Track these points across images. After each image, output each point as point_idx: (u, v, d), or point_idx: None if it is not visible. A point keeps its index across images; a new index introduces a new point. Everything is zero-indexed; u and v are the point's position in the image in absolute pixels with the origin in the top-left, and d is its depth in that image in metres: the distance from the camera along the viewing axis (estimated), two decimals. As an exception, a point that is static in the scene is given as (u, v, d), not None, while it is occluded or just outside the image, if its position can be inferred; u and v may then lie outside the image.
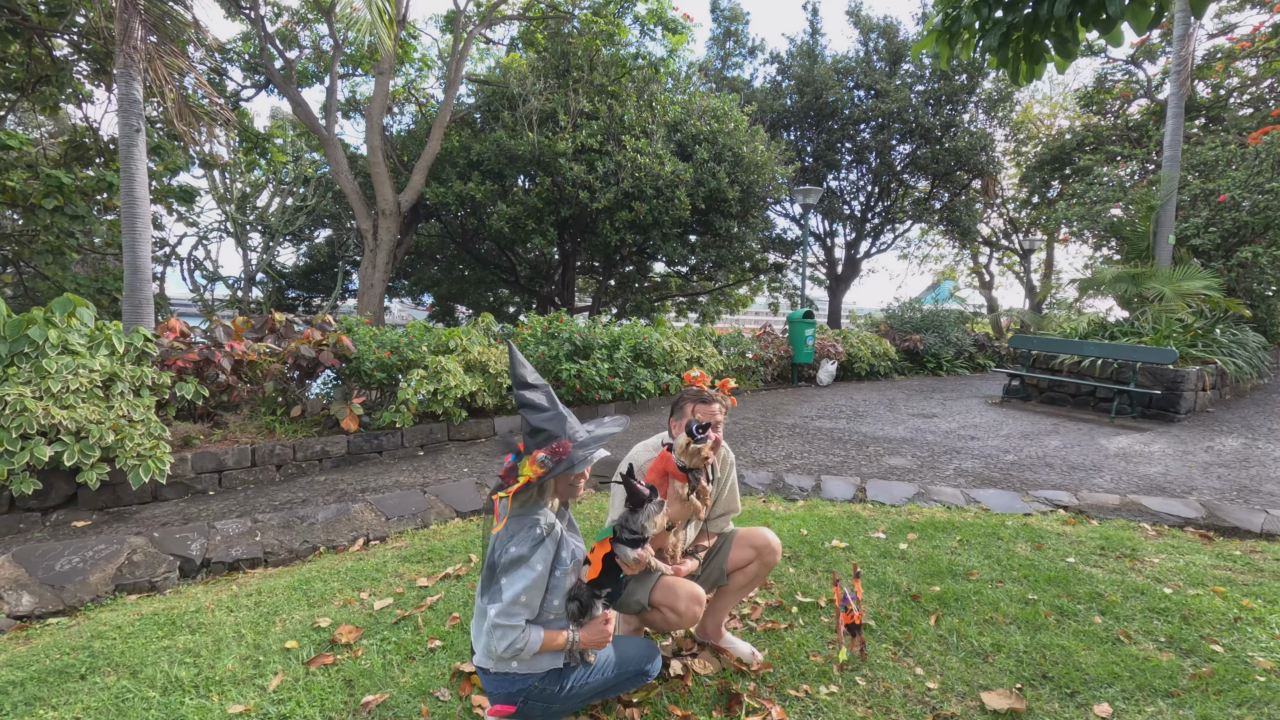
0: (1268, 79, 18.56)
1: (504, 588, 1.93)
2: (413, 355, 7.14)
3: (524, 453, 2.04)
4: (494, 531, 2.00)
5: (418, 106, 15.56)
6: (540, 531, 1.97)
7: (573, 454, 2.00)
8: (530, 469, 1.97)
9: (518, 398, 2.08)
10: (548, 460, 1.96)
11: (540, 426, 2.02)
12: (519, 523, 2.00)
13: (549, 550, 1.99)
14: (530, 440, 2.03)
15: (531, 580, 1.93)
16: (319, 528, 4.18)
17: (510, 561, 1.94)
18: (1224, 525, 4.42)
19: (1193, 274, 9.55)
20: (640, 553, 2.15)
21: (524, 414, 2.05)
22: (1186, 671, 2.62)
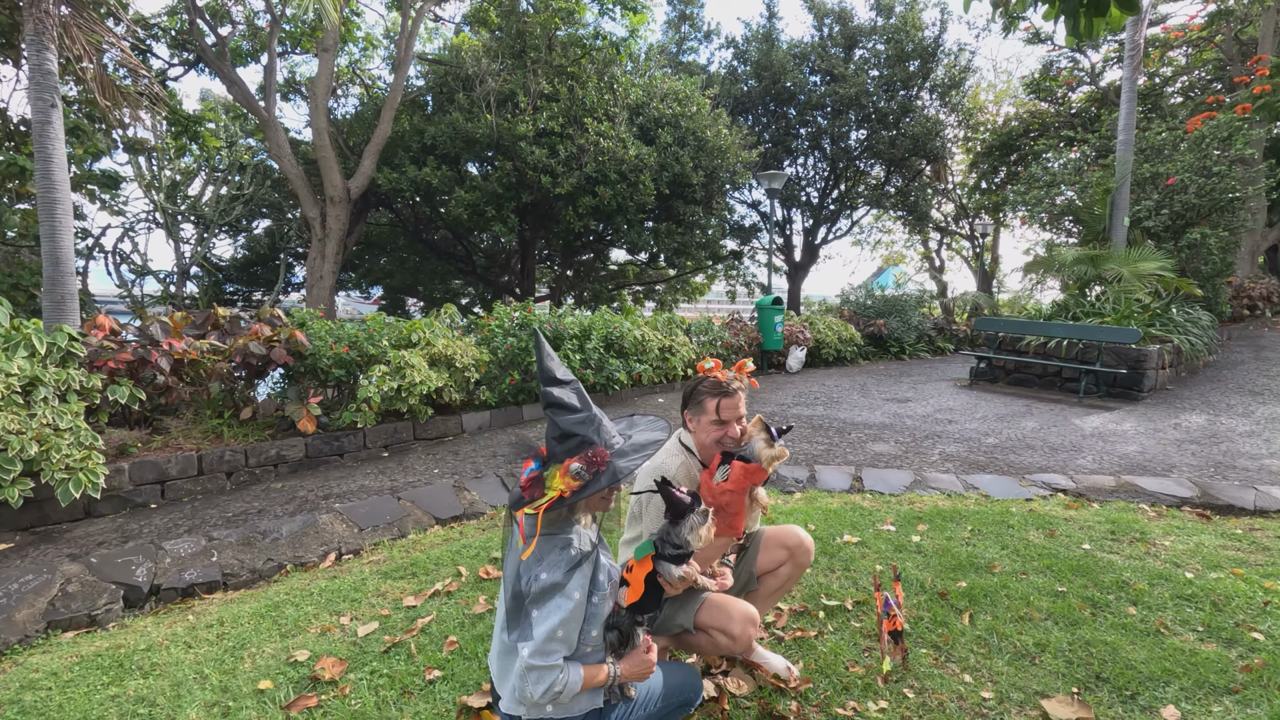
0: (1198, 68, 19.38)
1: (536, 621, 1.63)
2: (373, 350, 6.68)
3: (551, 460, 1.73)
4: (523, 557, 1.69)
5: (364, 88, 14.78)
6: (575, 553, 1.68)
7: (613, 464, 1.70)
8: (561, 481, 1.66)
9: (545, 396, 1.77)
10: (583, 472, 1.65)
11: (571, 430, 1.71)
12: (548, 543, 1.70)
13: (586, 575, 1.70)
14: (558, 446, 1.73)
15: (569, 611, 1.64)
16: (284, 543, 3.77)
17: (542, 590, 1.64)
18: (1218, 503, 4.42)
19: (1148, 255, 9.79)
20: (686, 569, 1.88)
21: (552, 415, 1.74)
22: (1236, 664, 2.51)
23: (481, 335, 7.85)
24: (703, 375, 2.28)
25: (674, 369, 9.37)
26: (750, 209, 22.80)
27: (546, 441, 1.78)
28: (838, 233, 23.54)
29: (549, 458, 1.74)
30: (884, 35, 19.14)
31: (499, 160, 11.72)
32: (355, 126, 13.11)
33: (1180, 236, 10.62)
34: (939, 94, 19.55)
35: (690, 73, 19.53)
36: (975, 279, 27.01)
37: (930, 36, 18.83)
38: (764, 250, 24.64)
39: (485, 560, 3.53)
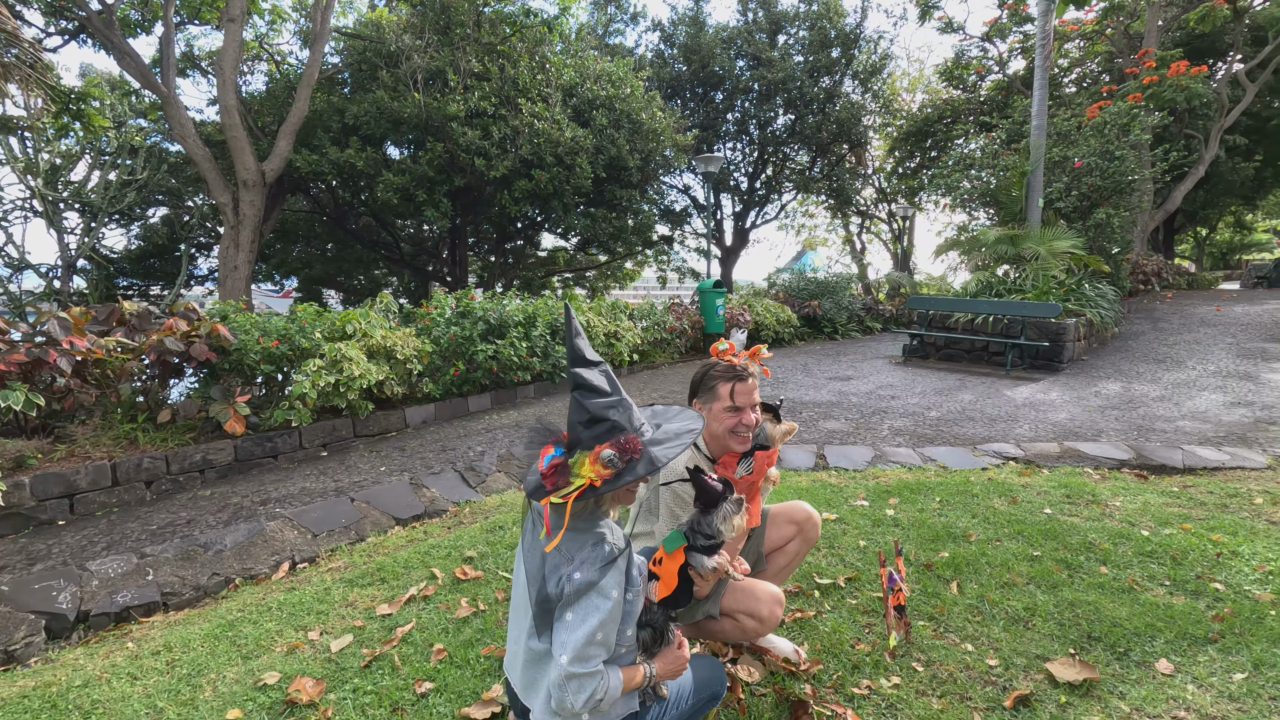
0: (1090, 60, 20.71)
1: (572, 625, 1.48)
2: (306, 343, 6.24)
3: (577, 446, 1.57)
4: (547, 549, 1.54)
5: (273, 65, 13.77)
6: (609, 549, 1.54)
7: (647, 452, 1.56)
8: (592, 469, 1.51)
9: (573, 377, 1.60)
10: (615, 459, 1.50)
11: (600, 415, 1.55)
12: (577, 539, 1.56)
13: (621, 571, 1.56)
14: (585, 431, 1.56)
15: (607, 612, 1.50)
16: (229, 555, 3.43)
17: (577, 591, 1.49)
18: (1152, 464, 4.72)
19: (1061, 235, 10.39)
20: (720, 560, 1.77)
21: (578, 398, 1.57)
22: (1208, 615, 2.64)
23: (422, 325, 7.48)
24: (714, 359, 2.16)
25: (620, 355, 9.25)
26: (681, 193, 22.86)
27: (570, 426, 1.62)
28: (766, 217, 23.95)
29: (574, 444, 1.59)
30: (807, 21, 19.49)
31: (429, 142, 11.16)
32: (267, 105, 12.18)
33: (1088, 216, 11.34)
34: (861, 81, 20.11)
35: (617, 55, 19.31)
36: (893, 261, 28.14)
37: (852, 23, 19.30)
38: (694, 235, 24.82)
39: (459, 560, 3.33)
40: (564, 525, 1.51)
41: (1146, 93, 14.14)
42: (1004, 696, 2.18)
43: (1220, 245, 39.77)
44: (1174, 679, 2.23)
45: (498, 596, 2.93)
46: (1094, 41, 19.71)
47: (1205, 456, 4.82)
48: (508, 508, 4.21)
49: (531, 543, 1.69)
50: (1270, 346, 9.34)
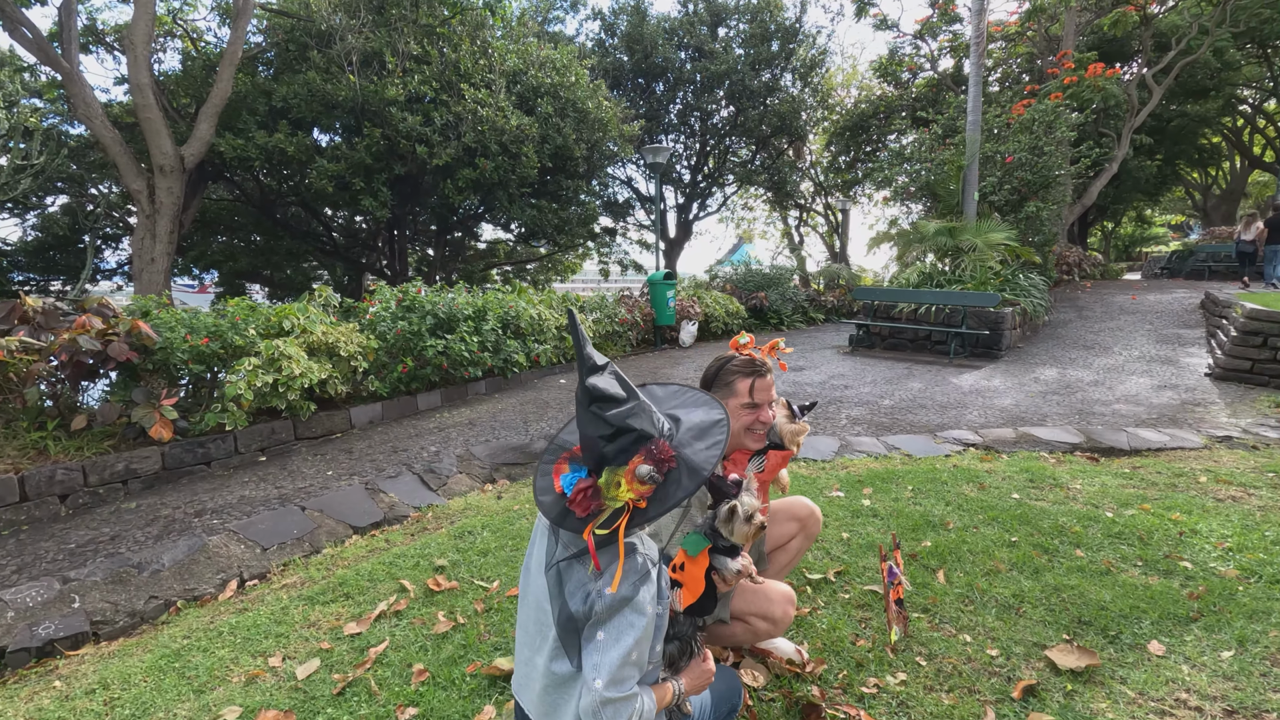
0: (1013, 59, 21.67)
1: (604, 645, 1.34)
2: (240, 341, 5.81)
3: (604, 463, 1.40)
4: (611, 589, 1.35)
5: (188, 42, 12.79)
6: (642, 561, 1.40)
7: (683, 459, 1.40)
8: (630, 489, 1.35)
9: (589, 391, 1.38)
10: (654, 474, 1.33)
11: (623, 425, 1.36)
12: (609, 553, 1.41)
13: (655, 585, 1.43)
14: (608, 446, 1.37)
15: (642, 629, 1.37)
16: (168, 574, 3.11)
17: (610, 608, 1.35)
18: (1102, 446, 4.91)
19: (996, 227, 10.80)
20: (745, 562, 1.67)
21: (597, 411, 1.37)
22: (1183, 593, 2.72)
23: (367, 320, 7.09)
24: (732, 353, 2.04)
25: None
26: (623, 185, 22.70)
27: (588, 442, 1.42)
28: (708, 210, 24.07)
29: (598, 461, 1.41)
30: (747, 14, 19.61)
31: (366, 127, 10.60)
32: (183, 85, 11.29)
33: (1019, 209, 11.84)
34: (800, 75, 20.40)
35: (557, 43, 18.96)
36: (829, 254, 28.81)
37: (791, 18, 19.54)
38: (637, 228, 24.74)
39: (429, 570, 3.11)
40: (620, 560, 1.35)
41: (1067, 92, 14.85)
42: (1010, 687, 2.16)
43: (1124, 238, 42.53)
44: (1168, 660, 2.27)
45: (477, 608, 2.75)
46: (1016, 43, 20.61)
47: (1148, 438, 5.05)
48: (474, 511, 4.00)
49: (545, 558, 1.53)
50: (1184, 332, 9.97)
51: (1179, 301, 12.50)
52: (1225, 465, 4.45)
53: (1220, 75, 20.74)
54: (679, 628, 1.56)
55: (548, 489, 1.47)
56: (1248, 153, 29.13)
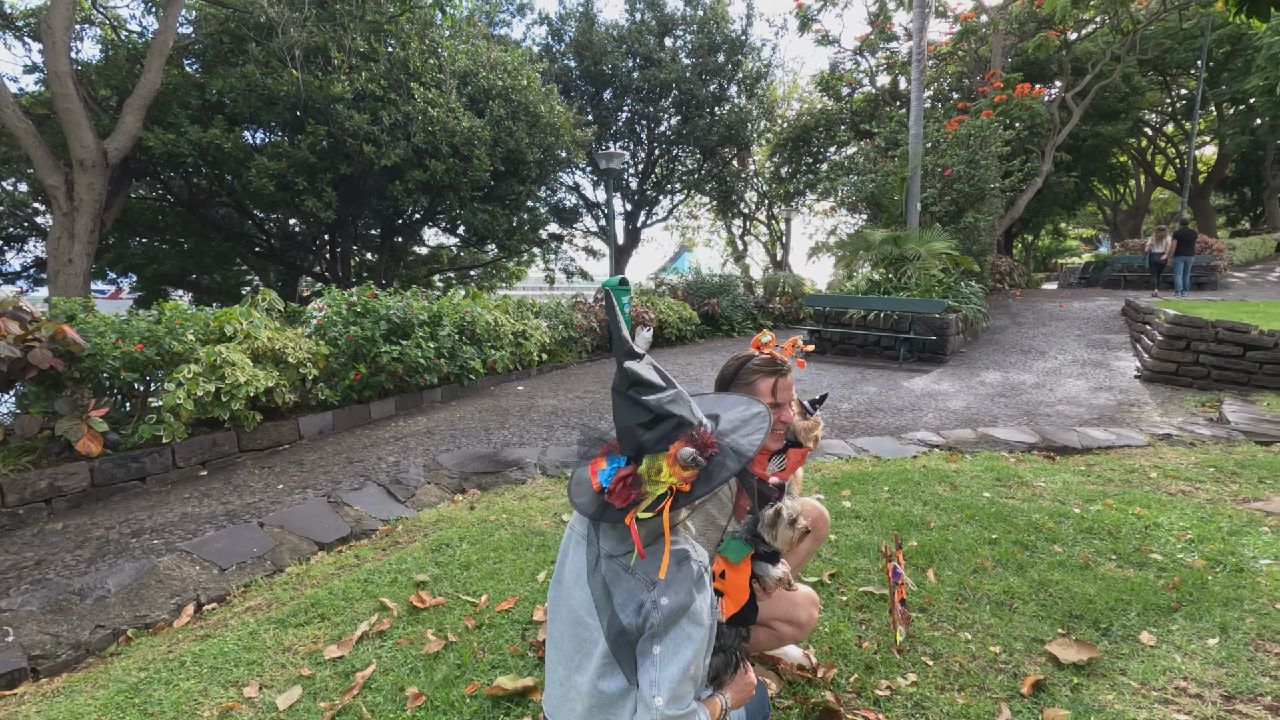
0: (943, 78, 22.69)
1: (662, 660, 1.26)
2: (178, 347, 5.41)
3: (642, 451, 1.34)
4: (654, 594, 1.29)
5: (108, 29, 11.97)
6: (697, 567, 1.33)
7: (725, 444, 1.36)
8: (672, 473, 1.29)
9: (627, 375, 1.35)
10: (697, 458, 1.28)
11: (664, 411, 1.32)
12: (655, 559, 1.33)
13: (708, 594, 1.35)
14: (648, 434, 1.32)
15: (700, 641, 1.30)
16: (115, 601, 2.83)
17: (668, 619, 1.27)
18: (1056, 445, 5.12)
19: (938, 236, 11.22)
20: (785, 569, 1.62)
21: (635, 395, 1.34)
22: (1160, 585, 2.82)
23: (316, 325, 6.75)
24: (752, 351, 1.99)
25: (529, 354, 8.88)
26: (571, 191, 22.56)
27: (625, 432, 1.36)
28: (655, 217, 24.20)
29: (637, 450, 1.35)
30: (694, 25, 19.86)
31: (310, 124, 10.13)
32: (106, 75, 10.53)
33: (958, 220, 12.34)
34: (745, 87, 20.77)
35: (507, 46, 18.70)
36: (771, 262, 29.42)
37: (737, 30, 19.89)
38: (584, 234, 24.61)
39: (409, 586, 2.94)
40: (667, 544, 1.28)
41: (998, 110, 15.65)
42: (1018, 683, 2.19)
43: (1042, 250, 45.10)
44: (1160, 650, 2.34)
45: (468, 625, 2.60)
46: (948, 62, 21.62)
47: (1097, 437, 5.30)
48: (447, 523, 3.82)
49: (584, 565, 1.44)
50: (1111, 337, 10.59)
51: (1102, 309, 13.28)
52: (1170, 461, 4.71)
53: (1129, 99, 22.30)
54: (724, 639, 1.50)
55: (583, 488, 1.39)
56: (1151, 171, 31.43)
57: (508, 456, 5.07)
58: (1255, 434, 5.32)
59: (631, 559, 1.32)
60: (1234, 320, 7.47)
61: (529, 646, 2.45)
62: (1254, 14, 3.73)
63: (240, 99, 9.89)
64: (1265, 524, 3.48)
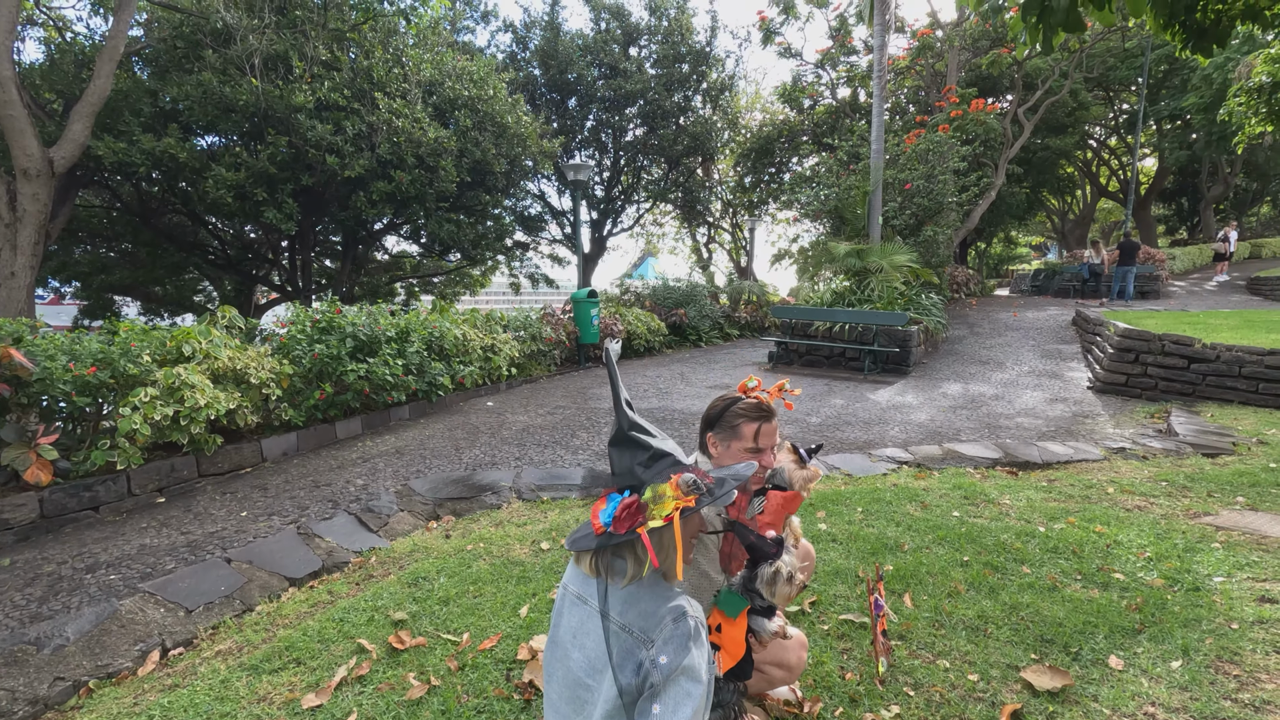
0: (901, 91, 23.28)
1: (661, 718, 1.27)
2: (133, 369, 5.22)
3: (647, 483, 1.40)
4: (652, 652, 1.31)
5: (52, 31, 11.49)
6: (694, 624, 1.35)
7: (727, 473, 1.45)
8: (675, 495, 1.35)
9: (628, 423, 1.48)
10: (699, 483, 1.37)
11: (661, 450, 1.45)
12: (653, 616, 1.35)
13: (706, 650, 1.37)
14: (648, 471, 1.43)
15: (699, 699, 1.31)
16: (73, 649, 2.71)
17: (667, 677, 1.29)
18: (1018, 461, 5.28)
19: (900, 249, 11.50)
20: (781, 623, 1.64)
21: (636, 437, 1.46)
22: (1123, 605, 2.94)
23: (279, 343, 6.57)
24: (739, 394, 2.01)
25: (498, 369, 8.80)
26: (537, 199, 22.46)
27: (624, 474, 1.47)
28: (622, 225, 24.24)
29: (640, 484, 1.41)
30: (658, 35, 20.00)
31: (270, 134, 9.86)
32: (50, 80, 10.08)
33: (918, 233, 12.67)
34: (710, 98, 20.98)
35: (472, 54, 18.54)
36: (735, 270, 29.73)
37: (701, 42, 20.09)
38: (549, 242, 24.52)
39: (386, 625, 2.88)
40: (679, 549, 1.32)
41: (954, 125, 16.14)
42: (996, 712, 2.25)
43: (994, 257, 46.58)
44: (1128, 674, 2.43)
45: (450, 666, 2.56)
46: (905, 76, 22.20)
47: (1056, 452, 5.49)
48: (423, 553, 3.76)
49: (580, 626, 1.44)
50: (1063, 348, 10.98)
51: (1054, 318, 13.77)
52: (1125, 476, 4.90)
53: (1076, 114, 23.21)
54: (722, 694, 1.51)
55: (586, 536, 1.43)
56: (1096, 182, 32.75)
57: (481, 480, 5.00)
58: (1202, 446, 5.57)
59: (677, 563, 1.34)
60: (1179, 334, 7.82)
61: (514, 689, 2.42)
62: (1199, 50, 3.91)
63: (196, 107, 9.59)
64: (1216, 539, 3.65)
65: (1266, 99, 5.58)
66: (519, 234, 21.65)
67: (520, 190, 15.05)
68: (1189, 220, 34.27)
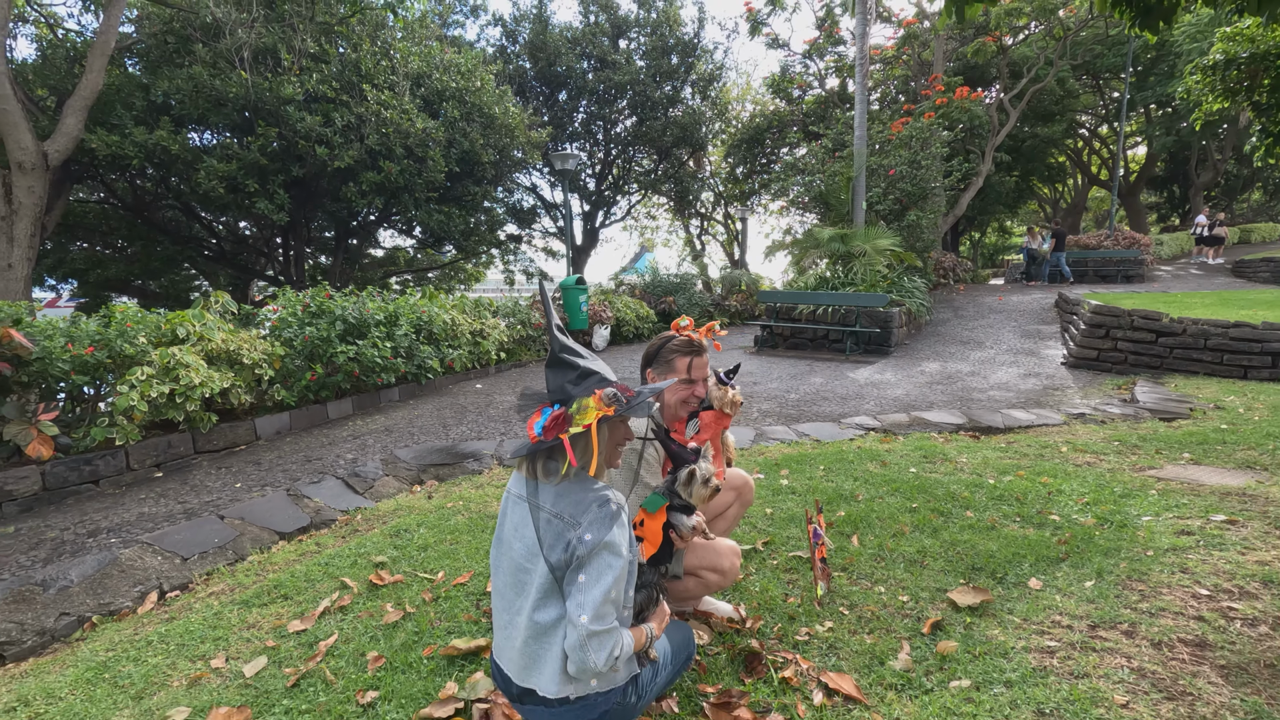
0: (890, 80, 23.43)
1: (586, 586, 1.50)
2: (130, 349, 5.42)
3: (572, 399, 1.60)
4: (579, 531, 1.53)
5: (43, 28, 11.65)
6: (615, 508, 1.56)
7: (647, 389, 1.66)
8: (597, 407, 1.55)
9: (560, 345, 1.66)
10: (619, 396, 1.57)
11: (588, 369, 1.64)
12: (581, 503, 1.57)
13: (626, 530, 1.58)
14: (575, 387, 1.61)
15: (619, 570, 1.53)
16: (78, 590, 2.92)
17: (590, 551, 1.50)
18: (981, 426, 5.50)
19: (883, 234, 11.70)
20: (699, 519, 1.85)
21: (565, 357, 1.65)
22: (1053, 540, 3.16)
23: (270, 326, 6.78)
24: (672, 333, 2.24)
25: (487, 353, 9.00)
26: (529, 192, 22.62)
27: (557, 390, 1.65)
28: (613, 217, 24.40)
29: (569, 398, 1.61)
30: (647, 27, 20.15)
31: (261, 126, 10.04)
32: (43, 75, 10.24)
33: (901, 218, 12.87)
34: (699, 89, 21.14)
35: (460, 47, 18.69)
36: (729, 260, 29.91)
37: (690, 33, 20.25)
38: (542, 235, 24.69)
39: (368, 568, 3.10)
40: (595, 451, 1.55)
41: (939, 112, 16.32)
42: (920, 625, 2.47)
43: (989, 247, 46.79)
44: (1044, 593, 2.66)
45: (425, 598, 2.78)
46: (893, 65, 22.36)
47: (1018, 417, 5.71)
48: (405, 511, 3.97)
49: (521, 519, 1.65)
50: (1043, 328, 11.20)
51: (1037, 302, 13.98)
52: (1081, 437, 5.12)
53: (1063, 102, 23.37)
54: (644, 576, 1.72)
55: (523, 445, 1.63)
56: (1087, 171, 32.92)
57: (465, 449, 5.22)
58: (1160, 411, 5.80)
59: (594, 462, 1.55)
60: (1148, 309, 8.04)
61: (482, 614, 2.64)
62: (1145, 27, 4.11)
63: (187, 100, 9.77)
64: (1154, 487, 3.88)
65: (1220, 76, 5.78)
66: (511, 226, 21.79)
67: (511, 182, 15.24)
68: (1180, 207, 34.46)
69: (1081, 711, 1.92)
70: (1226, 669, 2.08)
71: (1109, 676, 2.08)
